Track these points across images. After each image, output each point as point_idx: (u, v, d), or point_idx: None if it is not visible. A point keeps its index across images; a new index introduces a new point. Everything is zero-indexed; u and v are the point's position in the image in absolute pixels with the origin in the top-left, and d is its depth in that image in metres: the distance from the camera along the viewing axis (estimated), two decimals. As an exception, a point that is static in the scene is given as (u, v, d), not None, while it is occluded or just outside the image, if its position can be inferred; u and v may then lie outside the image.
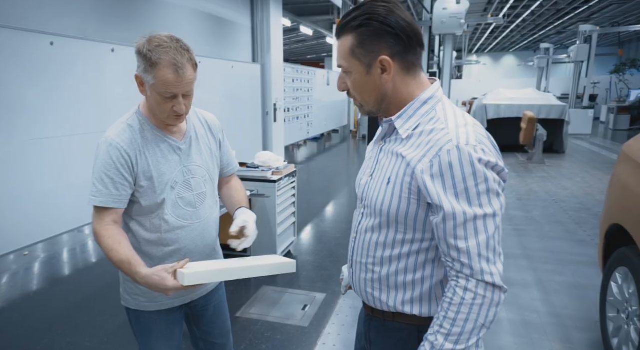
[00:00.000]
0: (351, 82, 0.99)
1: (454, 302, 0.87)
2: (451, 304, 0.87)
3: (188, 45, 1.23)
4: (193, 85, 1.25)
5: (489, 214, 0.86)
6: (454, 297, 0.87)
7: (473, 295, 0.85)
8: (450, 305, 0.87)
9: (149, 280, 1.15)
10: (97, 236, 1.26)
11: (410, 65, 0.96)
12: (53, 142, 2.77)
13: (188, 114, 1.39)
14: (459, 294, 0.86)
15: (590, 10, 12.45)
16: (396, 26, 0.91)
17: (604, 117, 14.59)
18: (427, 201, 0.91)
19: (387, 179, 0.97)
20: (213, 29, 5.29)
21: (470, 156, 0.85)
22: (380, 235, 1.01)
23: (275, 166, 3.53)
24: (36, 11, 3.02)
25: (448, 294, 0.89)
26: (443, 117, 0.93)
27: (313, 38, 15.93)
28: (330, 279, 3.37)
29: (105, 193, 1.25)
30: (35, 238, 2.72)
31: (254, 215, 1.44)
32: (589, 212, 4.95)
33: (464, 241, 0.86)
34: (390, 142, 1.02)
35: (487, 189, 0.86)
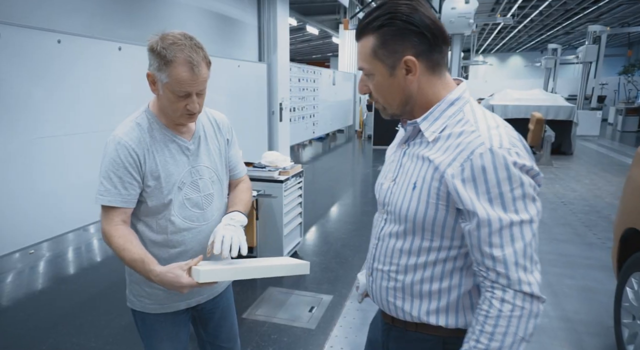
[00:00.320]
0: (374, 85, 0.95)
1: (491, 315, 0.82)
2: (487, 317, 0.83)
3: (201, 43, 1.20)
4: (206, 84, 1.23)
5: (526, 220, 0.82)
6: (490, 310, 0.83)
7: (511, 306, 0.81)
8: (486, 318, 0.83)
9: (164, 277, 1.15)
10: (106, 236, 1.23)
11: (436, 64, 0.92)
12: (58, 140, 2.76)
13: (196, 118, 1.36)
14: (496, 305, 0.82)
15: (599, 10, 12.33)
16: (420, 24, 0.87)
17: (612, 118, 14.46)
18: (458, 207, 0.87)
19: (413, 183, 0.93)
20: (220, 28, 5.27)
21: (505, 159, 0.81)
22: (404, 242, 0.97)
23: (282, 166, 3.50)
24: (42, 9, 3.01)
25: (483, 306, 0.84)
26: (472, 119, 0.89)
27: (319, 37, 15.91)
28: (337, 281, 3.33)
29: (114, 192, 1.22)
30: (39, 237, 2.70)
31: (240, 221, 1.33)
32: (598, 214, 4.88)
33: (500, 249, 0.82)
34: (414, 145, 0.98)
35: (523, 193, 0.82)
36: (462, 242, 0.91)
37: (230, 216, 1.33)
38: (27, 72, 2.56)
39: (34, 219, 2.63)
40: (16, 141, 2.51)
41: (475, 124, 0.88)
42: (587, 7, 11.86)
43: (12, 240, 2.53)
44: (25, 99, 2.55)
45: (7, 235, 2.50)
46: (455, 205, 0.88)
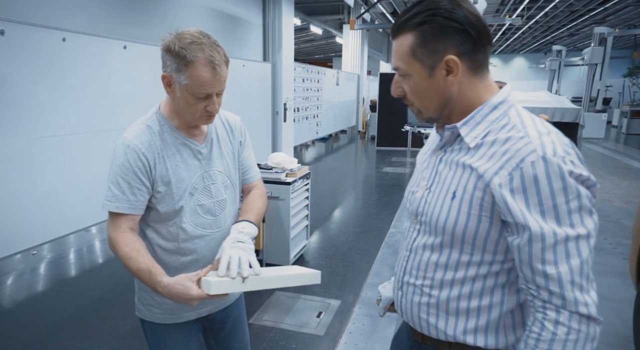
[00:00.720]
0: (409, 86, 0.88)
1: (544, 338, 0.76)
2: (539, 340, 0.76)
3: (218, 41, 1.14)
4: (225, 83, 1.17)
5: (582, 235, 0.75)
6: (542, 332, 0.76)
7: (566, 329, 0.74)
8: (538, 342, 0.76)
9: (172, 289, 1.07)
10: (113, 244, 1.17)
11: (479, 65, 0.85)
12: (60, 140, 2.70)
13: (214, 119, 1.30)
14: (549, 328, 0.75)
15: (605, 12, 12.25)
16: (464, 21, 0.80)
17: (617, 121, 14.38)
18: (505, 219, 0.80)
19: (452, 193, 0.86)
20: (224, 27, 5.21)
21: (560, 169, 0.75)
22: (441, 255, 0.90)
23: (289, 168, 3.44)
24: (48, 6, 2.95)
25: (534, 328, 0.77)
26: (519, 124, 0.82)
27: (322, 37, 15.84)
28: (345, 285, 3.27)
29: (122, 198, 1.16)
30: (41, 239, 2.65)
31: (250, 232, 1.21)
32: (608, 219, 4.81)
33: (554, 266, 0.75)
34: (452, 151, 0.91)
35: (580, 206, 0.75)
36: (506, 256, 0.85)
37: (239, 228, 1.21)
38: (31, 71, 2.50)
39: (36, 220, 2.57)
40: (18, 141, 2.46)
41: (523, 129, 0.81)
42: (593, 9, 11.78)
43: (13, 241, 2.47)
44: (28, 97, 2.50)
45: (8, 237, 2.44)
46: (501, 217, 0.81)
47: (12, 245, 2.47)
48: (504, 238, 0.83)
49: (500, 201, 0.79)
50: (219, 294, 1.07)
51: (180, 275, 1.09)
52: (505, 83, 0.91)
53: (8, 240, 2.44)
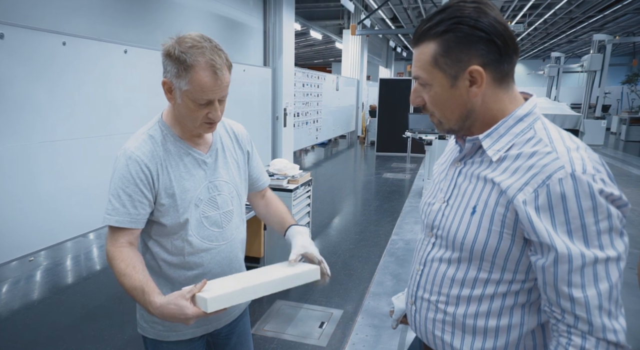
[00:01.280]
0: (430, 96, 0.84)
1: None
2: None
3: (220, 45, 1.09)
4: (228, 89, 1.12)
5: (612, 258, 0.71)
6: None
7: None
8: None
9: (165, 310, 0.99)
10: (109, 258, 1.11)
11: (504, 75, 0.81)
12: (60, 145, 2.65)
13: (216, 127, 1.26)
14: None
15: (604, 19, 12.30)
16: (490, 30, 0.76)
17: (616, 127, 14.41)
18: (529, 238, 0.76)
19: (472, 207, 0.82)
20: (225, 32, 5.18)
21: (590, 187, 0.71)
22: (457, 270, 0.86)
23: (291, 174, 3.39)
24: (47, 10, 2.91)
25: None
26: (546, 138, 0.78)
27: (322, 42, 15.87)
28: (347, 294, 3.22)
29: (122, 211, 1.11)
30: (39, 245, 2.59)
31: (308, 233, 1.31)
32: (611, 227, 4.78)
33: (581, 290, 0.71)
34: (472, 164, 0.87)
35: (610, 226, 0.71)
36: (527, 276, 0.80)
37: (297, 230, 1.30)
38: (30, 74, 2.45)
39: (34, 226, 2.51)
40: (17, 145, 2.40)
41: (550, 144, 0.77)
42: (592, 16, 11.83)
43: (11, 247, 2.41)
44: (27, 101, 2.45)
45: (5, 243, 2.38)
46: (524, 235, 0.77)
47: (9, 252, 2.41)
48: (526, 257, 0.79)
49: (525, 219, 0.75)
50: (217, 310, 1.00)
51: (172, 294, 1.01)
52: (531, 94, 0.87)
53: (5, 246, 2.38)
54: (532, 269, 0.79)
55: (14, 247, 2.43)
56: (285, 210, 1.42)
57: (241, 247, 1.34)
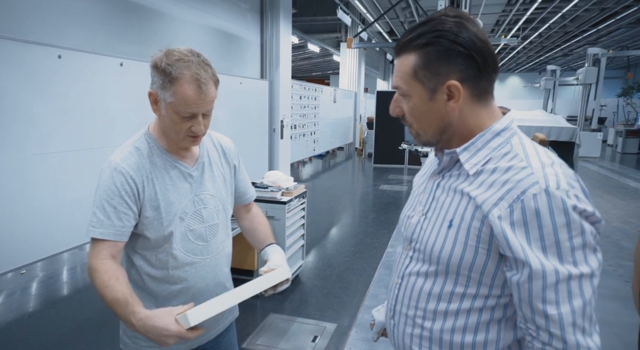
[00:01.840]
0: (409, 107, 0.85)
1: None
2: None
3: (209, 60, 1.10)
4: (214, 104, 1.12)
5: (586, 274, 0.71)
6: None
7: None
8: None
9: (148, 322, 0.98)
10: (91, 271, 1.09)
11: (482, 92, 0.82)
12: (54, 157, 2.65)
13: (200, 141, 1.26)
14: None
15: (598, 33, 12.46)
16: (470, 46, 0.77)
17: (612, 140, 14.49)
18: (504, 253, 0.76)
19: (449, 221, 0.82)
20: (222, 45, 5.23)
21: (564, 203, 0.71)
22: (434, 284, 0.86)
23: (285, 186, 3.39)
24: (44, 24, 2.94)
25: None
26: (522, 153, 0.78)
27: (319, 55, 15.99)
28: (341, 307, 3.19)
29: (107, 224, 1.10)
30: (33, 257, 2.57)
31: (284, 254, 1.32)
32: (608, 239, 4.77)
33: (555, 306, 0.71)
34: (450, 177, 0.87)
35: (583, 243, 0.71)
36: (502, 291, 0.80)
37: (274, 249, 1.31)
38: (25, 87, 2.46)
39: (28, 238, 2.50)
40: (11, 157, 2.40)
41: (526, 159, 0.77)
42: (586, 30, 11.98)
43: (4, 259, 2.39)
44: (22, 114, 2.45)
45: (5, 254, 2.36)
46: (499, 250, 0.77)
47: (3, 264, 2.39)
48: (502, 272, 0.78)
49: (500, 234, 0.74)
50: (198, 325, 0.99)
51: (159, 309, 1.01)
52: (509, 109, 0.87)
53: (4, 258, 2.36)
54: (507, 284, 0.79)
55: (7, 259, 2.41)
56: (268, 227, 1.43)
57: (226, 261, 1.33)
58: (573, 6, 9.02)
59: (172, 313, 1.00)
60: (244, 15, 5.64)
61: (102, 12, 3.44)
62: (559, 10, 9.56)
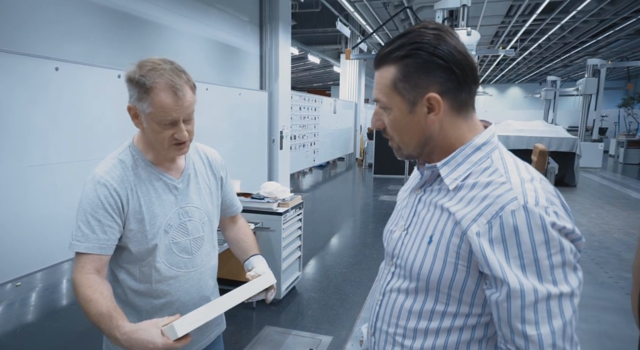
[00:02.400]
0: (389, 120, 0.84)
1: None
2: None
3: (183, 67, 1.11)
4: (193, 108, 1.12)
5: (566, 293, 0.69)
6: None
7: None
8: None
9: (134, 335, 0.97)
10: (75, 286, 1.08)
11: (463, 104, 0.81)
12: (50, 169, 2.65)
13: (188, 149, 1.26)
14: None
15: (597, 44, 12.52)
16: (449, 58, 0.76)
17: (613, 150, 14.46)
18: (482, 271, 0.74)
19: (429, 237, 0.81)
20: (221, 57, 5.27)
21: (542, 220, 0.69)
22: (415, 302, 0.84)
23: (281, 197, 3.38)
24: (42, 37, 2.97)
25: None
26: (502, 168, 0.77)
27: (320, 66, 16.12)
28: (337, 320, 3.15)
29: (92, 238, 1.09)
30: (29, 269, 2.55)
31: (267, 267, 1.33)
32: (609, 251, 4.72)
33: (534, 327, 0.69)
34: (431, 192, 0.86)
35: (563, 261, 0.70)
36: (483, 310, 0.78)
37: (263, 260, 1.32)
38: (22, 99, 2.48)
39: (25, 250, 2.49)
40: (8, 169, 2.40)
41: (505, 174, 0.76)
42: (585, 41, 12.05)
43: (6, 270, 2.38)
44: (19, 125, 2.46)
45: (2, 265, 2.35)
46: (478, 268, 0.75)
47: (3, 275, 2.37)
48: (482, 290, 0.77)
49: (478, 252, 0.73)
50: (185, 336, 0.98)
51: (145, 322, 1.00)
52: (490, 123, 0.87)
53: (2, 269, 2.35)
54: (488, 302, 0.77)
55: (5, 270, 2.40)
56: (253, 238, 1.43)
57: (212, 274, 1.32)
58: (571, 18, 9.08)
59: (158, 325, 0.99)
60: (244, 27, 5.70)
61: (102, 25, 3.48)
62: (558, 22, 9.62)
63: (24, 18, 2.83)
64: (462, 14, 5.91)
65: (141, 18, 3.92)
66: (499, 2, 8.43)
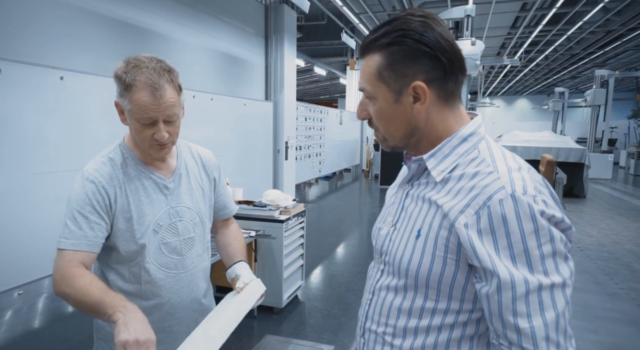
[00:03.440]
0: (375, 110, 0.82)
1: None
2: None
3: (171, 66, 1.10)
4: (176, 110, 1.10)
5: (557, 284, 0.67)
6: None
7: None
8: None
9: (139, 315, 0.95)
10: (64, 279, 1.02)
11: (449, 94, 0.79)
12: (54, 177, 2.67)
13: (178, 148, 1.25)
14: None
15: (605, 55, 12.46)
16: (435, 46, 0.75)
17: (624, 162, 14.28)
18: (472, 263, 0.72)
19: (417, 231, 0.79)
20: (227, 67, 5.32)
21: (531, 208, 0.67)
22: (404, 299, 0.81)
23: (283, 205, 3.36)
24: (49, 47, 3.02)
25: None
26: (489, 158, 0.76)
27: (327, 79, 16.24)
28: (339, 329, 3.10)
29: (79, 234, 1.07)
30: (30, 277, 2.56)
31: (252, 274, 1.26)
32: (619, 262, 4.61)
33: (527, 320, 0.66)
34: (419, 185, 0.84)
35: (553, 250, 0.67)
36: (474, 305, 0.76)
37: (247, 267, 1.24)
38: (28, 108, 2.51)
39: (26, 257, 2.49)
40: (11, 176, 2.43)
41: (492, 164, 0.74)
42: (593, 52, 12.00)
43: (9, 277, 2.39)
44: (22, 133, 2.49)
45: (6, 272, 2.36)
46: (467, 260, 0.73)
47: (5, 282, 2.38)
48: (472, 285, 0.74)
49: (467, 243, 0.71)
50: None
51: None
52: (476, 114, 0.85)
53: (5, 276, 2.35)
54: (478, 297, 0.75)
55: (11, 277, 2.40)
56: (242, 244, 1.37)
57: (203, 276, 1.30)
58: (578, 29, 9.06)
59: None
60: (249, 38, 5.77)
61: (109, 37, 3.54)
62: (564, 33, 9.61)
63: (32, 29, 2.89)
64: (466, 24, 5.93)
65: (148, 30, 3.99)
66: (504, 14, 8.46)
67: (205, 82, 4.83)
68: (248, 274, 1.22)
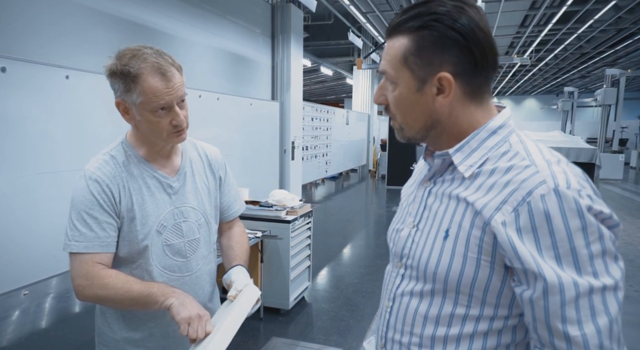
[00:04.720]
0: (394, 96, 0.75)
1: None
2: None
3: (164, 50, 1.06)
4: (184, 91, 1.06)
5: (609, 286, 0.61)
6: None
7: None
8: None
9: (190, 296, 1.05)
10: (93, 283, 1.01)
11: (477, 90, 0.73)
12: (59, 176, 2.65)
13: (183, 145, 1.20)
14: None
15: (615, 54, 12.29)
16: (469, 35, 0.68)
17: (635, 162, 14.07)
18: (511, 265, 0.66)
19: (445, 231, 0.72)
20: (233, 67, 5.30)
21: (577, 204, 0.61)
22: (430, 305, 0.75)
23: (290, 205, 3.32)
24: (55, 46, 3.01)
25: None
26: (523, 151, 0.69)
27: (333, 79, 16.20)
28: (347, 332, 3.05)
29: (90, 236, 1.02)
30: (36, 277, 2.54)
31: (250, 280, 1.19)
32: (632, 264, 4.52)
33: (577, 326, 0.60)
34: (443, 182, 0.77)
35: (603, 250, 0.61)
36: (510, 311, 0.70)
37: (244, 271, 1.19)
38: (33, 107, 2.49)
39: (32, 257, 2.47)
40: (16, 176, 2.41)
41: (528, 157, 0.68)
42: (603, 51, 11.84)
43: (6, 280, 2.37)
44: (29, 133, 2.48)
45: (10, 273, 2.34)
46: (505, 262, 0.66)
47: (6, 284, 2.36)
48: (509, 288, 0.68)
49: (506, 243, 0.64)
50: None
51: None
52: (504, 106, 0.78)
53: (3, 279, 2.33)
54: (516, 302, 0.69)
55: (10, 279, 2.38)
56: (244, 248, 1.31)
57: (209, 279, 1.25)
58: (588, 27, 8.93)
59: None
60: (256, 38, 5.74)
61: (115, 36, 3.52)
62: (574, 31, 9.48)
63: (37, 28, 2.88)
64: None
65: (154, 29, 3.97)
66: (514, 12, 8.35)
67: (211, 81, 4.80)
68: (242, 279, 1.14)
